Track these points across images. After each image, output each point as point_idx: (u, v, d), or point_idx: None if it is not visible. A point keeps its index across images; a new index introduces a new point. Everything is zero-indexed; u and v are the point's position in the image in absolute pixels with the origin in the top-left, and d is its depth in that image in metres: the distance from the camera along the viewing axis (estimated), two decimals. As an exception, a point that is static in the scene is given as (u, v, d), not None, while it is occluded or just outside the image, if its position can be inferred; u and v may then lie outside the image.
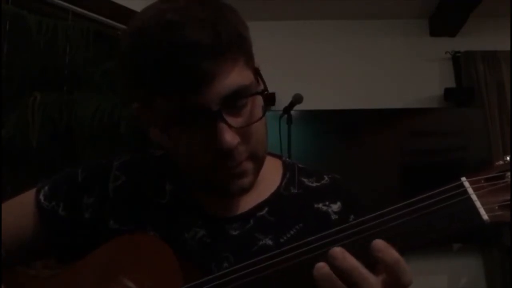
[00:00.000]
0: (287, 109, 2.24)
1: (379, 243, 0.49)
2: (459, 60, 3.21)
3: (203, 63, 0.53)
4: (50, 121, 1.84)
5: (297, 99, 2.17)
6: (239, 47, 0.57)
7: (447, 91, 3.10)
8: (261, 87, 0.62)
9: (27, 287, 0.70)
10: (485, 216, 0.48)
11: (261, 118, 0.60)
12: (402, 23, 3.28)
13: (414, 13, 3.21)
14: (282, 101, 2.41)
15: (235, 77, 0.56)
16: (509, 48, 2.78)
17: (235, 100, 0.57)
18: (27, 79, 1.90)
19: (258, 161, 0.64)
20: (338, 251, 0.50)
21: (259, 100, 0.61)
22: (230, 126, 0.56)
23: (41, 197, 0.71)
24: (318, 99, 2.82)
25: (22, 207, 0.72)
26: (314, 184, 0.74)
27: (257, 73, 0.62)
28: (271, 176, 0.73)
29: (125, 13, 2.19)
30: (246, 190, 0.64)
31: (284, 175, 0.74)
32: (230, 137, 0.56)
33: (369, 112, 2.98)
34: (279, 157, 0.78)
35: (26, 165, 1.82)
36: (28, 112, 1.79)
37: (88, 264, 0.65)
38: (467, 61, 3.16)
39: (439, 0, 3.02)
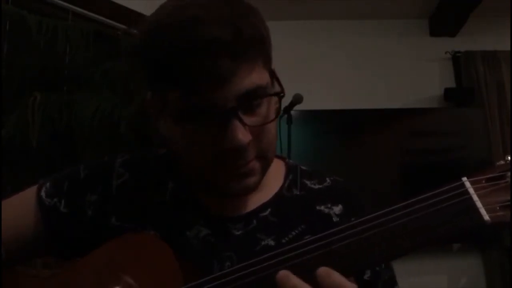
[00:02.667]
0: (287, 109, 2.24)
1: (321, 271, 0.50)
2: (459, 60, 3.21)
3: (223, 61, 0.53)
4: (50, 121, 1.84)
5: (297, 99, 2.17)
6: (259, 48, 0.57)
7: (447, 91, 3.10)
8: (277, 88, 0.62)
9: (27, 287, 0.70)
10: (486, 217, 0.48)
11: (274, 119, 0.60)
12: (402, 23, 3.28)
13: (414, 13, 3.21)
14: (282, 101, 2.41)
15: (254, 77, 0.56)
16: (509, 48, 2.78)
17: (251, 99, 0.57)
18: (27, 79, 1.90)
19: (266, 162, 0.64)
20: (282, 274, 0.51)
21: (274, 101, 0.61)
22: (244, 124, 0.56)
23: (43, 193, 0.71)
24: (318, 99, 2.82)
25: (23, 204, 0.72)
26: (316, 186, 0.74)
27: (273, 75, 0.62)
28: (274, 178, 0.73)
29: (125, 13, 2.19)
30: (250, 190, 0.64)
31: (286, 176, 0.74)
32: (242, 135, 0.56)
33: (369, 112, 2.98)
34: (282, 158, 0.78)
35: (26, 165, 1.82)
36: (28, 112, 1.79)
37: (88, 264, 0.65)
38: (467, 61, 3.16)
39: (439, 0, 3.02)
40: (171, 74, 0.56)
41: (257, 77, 0.56)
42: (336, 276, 0.49)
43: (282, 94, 0.60)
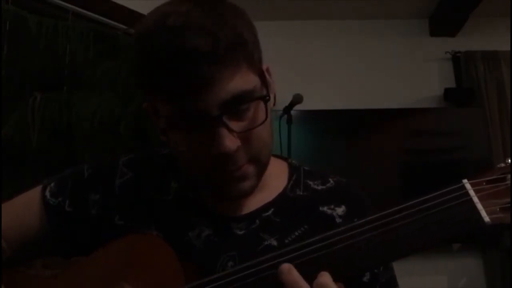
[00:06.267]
0: (287, 109, 2.25)
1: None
2: (459, 60, 3.21)
3: (202, 69, 0.53)
4: (50, 121, 1.84)
5: (297, 99, 2.18)
6: (241, 52, 0.56)
7: (447, 91, 3.10)
8: (264, 91, 0.61)
9: (27, 287, 0.70)
10: (486, 218, 0.48)
11: (263, 122, 0.59)
12: (402, 23, 3.27)
13: (414, 13, 3.21)
14: (282, 101, 2.41)
15: (237, 82, 0.56)
16: (509, 48, 2.78)
17: (236, 104, 0.57)
18: (27, 79, 1.89)
19: (260, 165, 0.64)
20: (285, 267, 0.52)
21: (263, 104, 0.61)
22: (230, 130, 0.56)
23: (47, 193, 0.72)
24: (318, 99, 2.82)
25: (27, 204, 0.73)
26: (320, 187, 0.74)
27: (263, 76, 0.62)
28: (277, 178, 0.73)
29: (125, 13, 2.19)
30: (246, 193, 0.64)
31: (290, 177, 0.74)
32: (229, 142, 0.56)
33: (369, 112, 2.98)
34: (285, 159, 0.79)
35: (26, 165, 1.82)
36: (28, 112, 1.79)
37: (89, 264, 0.66)
38: (467, 61, 3.15)
39: (439, 0, 3.01)
40: (155, 85, 0.57)
41: (241, 82, 0.56)
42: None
43: (267, 98, 0.60)
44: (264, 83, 0.62)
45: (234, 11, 0.59)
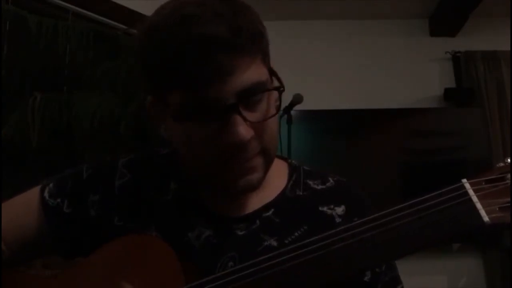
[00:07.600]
0: (287, 109, 2.24)
1: None
2: (459, 60, 3.21)
3: (222, 58, 0.53)
4: (50, 121, 1.84)
5: (297, 99, 2.17)
6: (257, 44, 0.57)
7: (447, 91, 3.10)
8: (276, 84, 0.62)
9: (27, 287, 0.70)
10: (485, 218, 0.48)
11: (275, 114, 0.60)
12: (402, 23, 3.28)
13: (414, 13, 3.21)
14: (282, 101, 2.41)
15: (253, 72, 0.56)
16: (509, 48, 2.78)
17: (251, 94, 0.57)
18: (27, 79, 1.90)
19: (269, 157, 0.64)
20: None
21: (274, 96, 0.62)
22: (245, 119, 0.57)
23: (46, 194, 0.71)
24: (318, 99, 2.82)
25: (26, 204, 0.73)
26: (319, 187, 0.74)
27: (272, 71, 0.63)
28: (277, 178, 0.73)
29: (125, 13, 2.19)
30: (254, 187, 0.63)
31: (290, 177, 0.74)
32: (244, 130, 0.56)
33: (369, 112, 2.98)
34: (285, 159, 0.79)
35: (26, 165, 1.82)
36: (28, 112, 1.79)
37: (89, 265, 0.66)
38: (467, 61, 3.16)
39: (439, 0, 3.02)
40: (171, 72, 0.56)
41: (256, 73, 0.57)
42: None
43: (282, 89, 0.61)
44: (274, 78, 0.63)
45: (246, 5, 0.59)
